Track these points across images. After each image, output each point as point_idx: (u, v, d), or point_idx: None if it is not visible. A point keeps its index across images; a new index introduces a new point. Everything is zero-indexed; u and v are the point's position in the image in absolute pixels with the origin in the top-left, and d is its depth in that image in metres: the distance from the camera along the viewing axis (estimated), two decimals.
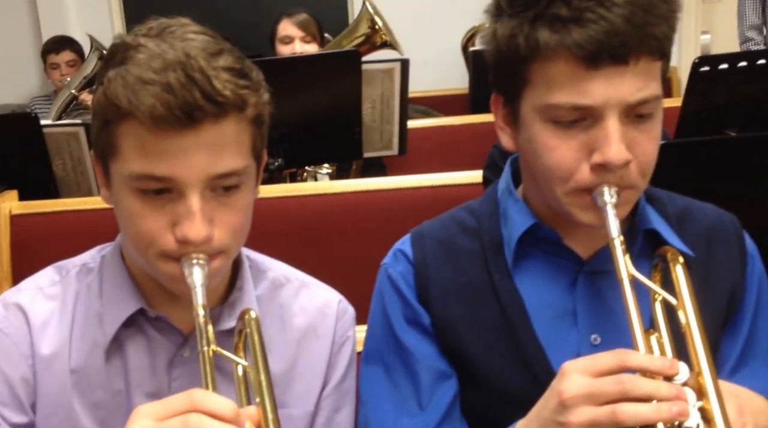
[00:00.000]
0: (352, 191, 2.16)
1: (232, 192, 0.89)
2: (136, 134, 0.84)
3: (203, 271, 0.86)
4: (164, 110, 0.81)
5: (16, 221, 2.10)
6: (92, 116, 0.90)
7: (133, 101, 0.82)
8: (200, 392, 0.75)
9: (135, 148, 0.85)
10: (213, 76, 0.83)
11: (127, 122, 0.84)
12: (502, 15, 0.91)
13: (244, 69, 0.87)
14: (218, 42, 0.88)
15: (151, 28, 0.88)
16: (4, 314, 0.96)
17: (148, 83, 0.82)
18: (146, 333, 0.98)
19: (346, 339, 1.07)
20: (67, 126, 2.45)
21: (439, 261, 1.03)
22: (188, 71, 0.82)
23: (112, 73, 0.84)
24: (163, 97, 0.81)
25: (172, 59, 0.82)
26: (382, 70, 2.40)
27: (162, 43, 0.84)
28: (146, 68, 0.82)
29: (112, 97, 0.83)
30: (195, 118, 0.82)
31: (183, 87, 0.81)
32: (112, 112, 0.84)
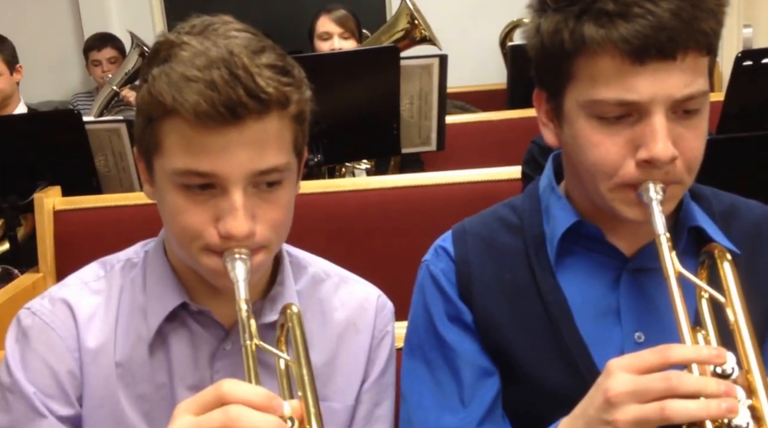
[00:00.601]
0: (390, 186, 2.17)
1: (274, 188, 0.90)
2: (180, 130, 0.85)
3: (246, 266, 0.87)
4: (208, 107, 0.82)
5: (59, 216, 2.14)
6: (136, 112, 0.91)
7: (178, 98, 0.83)
8: (229, 381, 0.75)
9: (179, 144, 0.86)
10: (256, 73, 0.83)
11: (171, 118, 0.85)
12: (546, 10, 0.90)
13: (286, 66, 0.88)
14: (261, 39, 0.89)
15: (194, 26, 0.89)
16: (50, 309, 0.97)
17: (193, 80, 0.82)
18: (189, 326, 0.99)
19: (386, 333, 1.08)
20: (109, 122, 2.49)
21: (481, 258, 1.02)
22: (232, 69, 0.82)
23: (157, 70, 0.85)
24: (207, 95, 0.82)
25: (215, 57, 0.83)
26: (421, 66, 2.39)
27: (205, 41, 0.85)
28: (190, 66, 0.83)
29: (156, 95, 0.84)
30: (238, 115, 0.83)
31: (227, 84, 0.82)
32: (156, 109, 0.85)
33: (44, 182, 2.33)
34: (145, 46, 3.70)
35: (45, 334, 0.96)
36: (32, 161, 2.33)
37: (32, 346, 0.95)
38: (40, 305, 0.98)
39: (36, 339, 0.96)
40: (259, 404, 0.73)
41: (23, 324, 0.97)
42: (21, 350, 0.96)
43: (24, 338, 0.96)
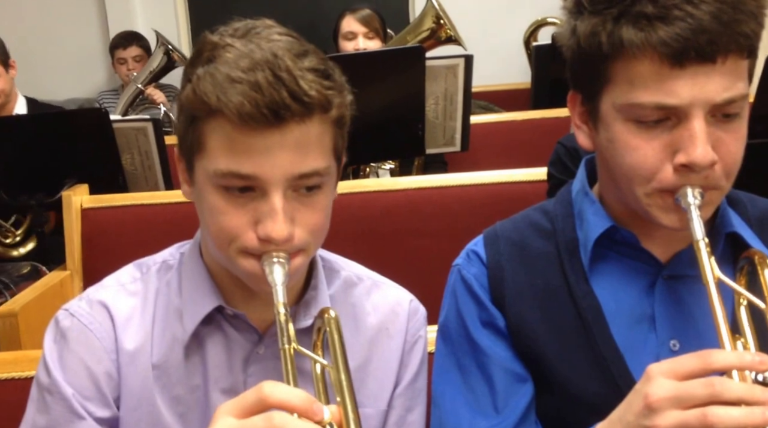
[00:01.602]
0: (415, 187, 2.16)
1: (313, 192, 0.90)
2: (223, 131, 0.85)
3: (284, 269, 0.87)
4: (252, 109, 0.82)
5: (86, 214, 2.15)
6: (178, 112, 0.92)
7: (222, 99, 0.83)
8: (270, 383, 0.75)
9: (221, 145, 0.86)
10: (299, 76, 0.83)
11: (215, 119, 0.85)
12: (582, 12, 0.89)
13: (328, 70, 0.88)
14: (302, 43, 0.89)
15: (236, 29, 0.89)
16: (88, 311, 0.98)
17: (237, 82, 0.83)
18: (224, 330, 0.99)
19: (418, 338, 1.07)
20: (136, 121, 2.50)
21: (514, 263, 1.01)
22: (276, 71, 0.83)
23: (201, 70, 0.86)
24: (251, 96, 0.82)
25: (259, 59, 0.84)
26: (446, 67, 2.39)
27: (249, 43, 0.86)
28: (234, 67, 0.84)
29: (201, 94, 0.85)
30: (281, 117, 0.83)
31: (271, 86, 0.82)
32: (200, 109, 0.86)
33: (72, 180, 2.35)
34: (169, 45, 3.73)
35: (83, 336, 0.96)
36: (60, 159, 2.35)
37: (71, 347, 0.96)
38: (78, 306, 0.98)
39: (74, 341, 0.96)
40: (300, 407, 0.73)
41: (61, 325, 0.97)
42: (59, 351, 0.96)
43: (62, 339, 0.97)
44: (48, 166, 2.35)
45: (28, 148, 2.34)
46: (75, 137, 2.36)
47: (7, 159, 2.35)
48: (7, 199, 2.35)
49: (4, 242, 2.75)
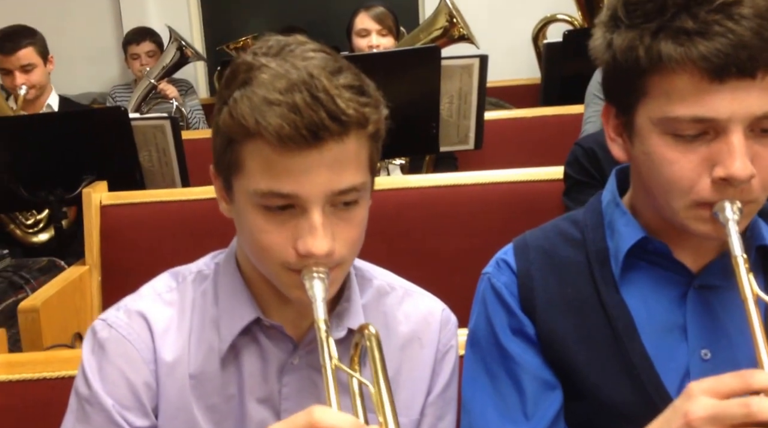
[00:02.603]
0: (428, 185, 2.18)
1: (350, 207, 0.90)
2: (262, 152, 0.86)
3: (324, 284, 0.88)
4: (291, 130, 0.83)
5: (105, 211, 2.18)
6: (214, 133, 0.92)
7: (261, 122, 0.83)
8: (320, 409, 0.76)
9: (261, 166, 0.86)
10: (336, 95, 0.84)
11: (253, 141, 0.86)
12: (619, 26, 0.90)
13: (363, 86, 0.88)
14: (336, 59, 0.89)
15: (270, 47, 0.89)
16: (127, 321, 0.98)
17: (275, 104, 0.83)
18: (259, 340, 0.99)
19: (450, 347, 1.08)
20: (154, 119, 2.53)
21: (544, 272, 1.02)
22: (313, 92, 0.83)
23: (238, 93, 0.86)
24: (290, 118, 0.82)
25: (296, 79, 0.84)
26: (461, 66, 2.41)
27: (284, 63, 0.86)
28: (271, 89, 0.84)
29: (238, 118, 0.85)
30: (320, 137, 0.84)
31: (309, 107, 0.83)
32: (238, 131, 0.86)
33: (90, 176, 2.38)
34: (182, 41, 3.75)
35: (122, 346, 0.96)
36: (79, 156, 2.38)
37: (109, 358, 0.96)
38: (115, 317, 0.99)
39: (113, 352, 0.96)
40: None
41: (99, 335, 0.98)
42: (98, 362, 0.97)
43: (101, 350, 0.97)
44: (67, 162, 2.37)
45: (48, 145, 2.36)
46: (94, 135, 2.39)
47: (28, 156, 2.37)
48: (27, 195, 2.38)
49: (26, 223, 2.81)
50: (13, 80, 2.89)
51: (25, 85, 2.89)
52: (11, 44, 2.89)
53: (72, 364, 1.32)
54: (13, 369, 1.32)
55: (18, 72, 2.89)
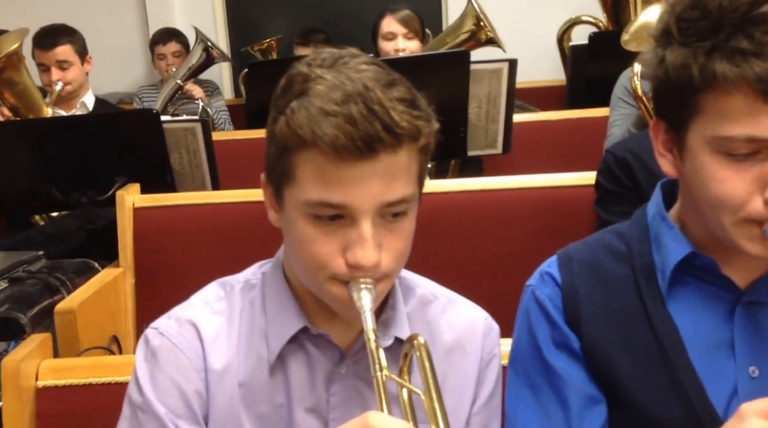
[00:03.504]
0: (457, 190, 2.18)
1: (399, 219, 0.91)
2: (316, 162, 0.87)
3: (371, 295, 0.89)
4: (346, 141, 0.84)
5: (138, 213, 2.20)
6: (268, 142, 0.94)
7: (317, 132, 0.85)
8: (374, 414, 0.77)
9: (313, 176, 0.88)
10: (390, 107, 0.85)
11: (308, 150, 0.87)
12: (671, 42, 0.90)
13: (415, 99, 0.90)
14: (389, 72, 0.90)
15: (324, 59, 0.91)
16: (177, 330, 1.00)
17: (331, 115, 0.84)
18: (306, 349, 1.00)
19: (493, 356, 1.08)
20: (185, 122, 2.55)
21: (588, 285, 1.03)
22: (368, 103, 0.84)
23: (295, 104, 0.87)
24: (346, 129, 0.84)
25: (351, 91, 0.85)
26: (490, 70, 2.41)
27: (339, 75, 0.87)
28: (327, 100, 0.85)
29: (295, 128, 0.86)
30: (374, 148, 0.85)
31: (364, 119, 0.84)
32: (294, 141, 0.88)
33: (122, 178, 2.41)
34: (208, 42, 3.78)
35: (173, 354, 0.98)
36: (111, 158, 2.40)
37: (161, 366, 0.98)
38: (167, 325, 1.00)
39: (165, 360, 0.98)
40: None
41: (152, 344, 0.99)
42: (150, 369, 0.98)
43: (153, 358, 0.98)
44: (100, 164, 2.40)
45: (81, 147, 2.39)
46: (126, 137, 2.41)
47: (61, 157, 2.40)
48: (60, 196, 2.41)
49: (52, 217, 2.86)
50: (49, 76, 2.94)
51: (61, 81, 2.93)
52: (50, 40, 2.95)
53: (117, 370, 1.35)
54: (59, 375, 1.34)
55: (54, 68, 2.94)
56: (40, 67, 2.98)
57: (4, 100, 2.80)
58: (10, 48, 2.73)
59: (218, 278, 1.29)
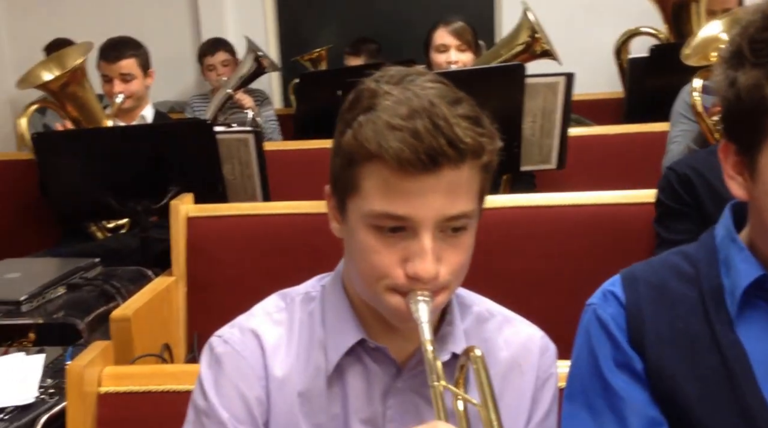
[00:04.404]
0: (509, 206, 2.15)
1: (459, 233, 0.93)
2: (381, 174, 0.89)
3: (429, 307, 0.91)
4: (411, 155, 0.86)
5: (191, 223, 2.23)
6: (334, 154, 0.96)
7: (383, 145, 0.87)
8: (443, 425, 0.79)
9: (377, 188, 0.90)
10: (455, 123, 0.87)
11: (373, 163, 0.89)
12: (744, 64, 0.89)
13: (479, 117, 0.91)
14: (454, 90, 0.92)
15: (392, 76, 0.94)
16: (240, 338, 1.02)
17: (397, 129, 0.87)
18: (364, 362, 1.02)
19: (550, 375, 1.08)
20: (238, 133, 2.58)
21: (654, 306, 1.01)
22: (434, 119, 0.86)
23: (363, 118, 0.90)
24: (411, 143, 0.86)
25: (417, 106, 0.87)
26: (546, 84, 2.38)
27: (405, 91, 0.90)
28: (394, 114, 0.88)
29: (362, 140, 0.89)
30: (438, 163, 0.87)
31: (429, 134, 0.86)
32: (360, 153, 0.90)
33: (175, 187, 2.44)
34: (259, 51, 3.81)
35: (236, 362, 1.01)
36: (165, 167, 2.44)
37: (225, 373, 1.00)
38: (230, 333, 1.03)
39: (228, 367, 1.00)
40: None
41: (216, 351, 1.02)
42: (214, 376, 1.01)
43: (217, 365, 1.01)
44: (155, 174, 2.44)
45: (137, 157, 2.44)
46: (181, 147, 2.45)
47: (118, 167, 2.45)
48: (117, 204, 2.45)
49: (107, 226, 2.95)
50: (112, 88, 2.99)
51: (123, 94, 2.99)
52: (115, 53, 3.00)
53: (176, 379, 1.37)
54: (120, 381, 1.37)
55: (117, 80, 2.99)
56: (104, 77, 3.04)
57: (66, 113, 2.87)
58: (74, 63, 2.80)
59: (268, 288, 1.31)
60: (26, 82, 2.85)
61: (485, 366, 0.88)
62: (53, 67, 2.84)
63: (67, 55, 2.88)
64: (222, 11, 4.74)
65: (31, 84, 2.85)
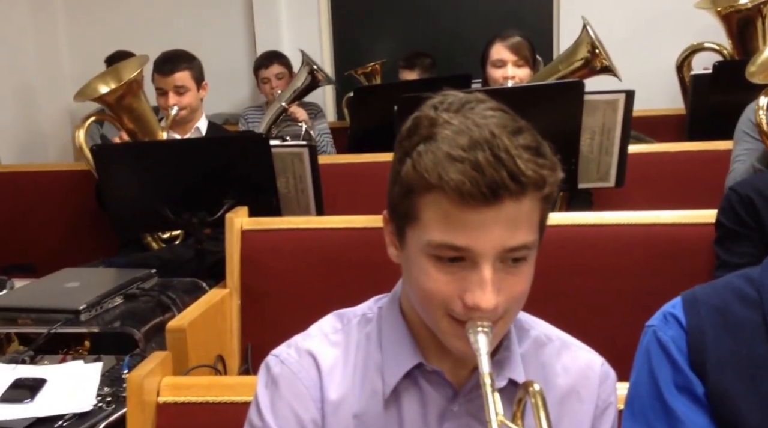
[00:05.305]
0: (566, 224, 2.11)
1: (519, 264, 0.91)
2: (440, 205, 0.88)
3: (488, 338, 0.90)
4: (472, 187, 0.85)
5: (246, 236, 2.25)
6: (392, 182, 0.95)
7: (444, 177, 0.86)
8: None
9: (437, 218, 0.89)
10: (516, 155, 0.85)
11: (433, 193, 0.88)
12: None
13: (541, 148, 0.89)
14: (515, 119, 0.91)
15: (450, 104, 0.92)
16: (297, 359, 1.02)
17: (458, 160, 0.86)
18: (420, 385, 1.01)
19: (609, 404, 1.05)
20: (293, 147, 2.60)
21: (716, 330, 0.99)
22: (495, 151, 0.85)
23: (423, 147, 0.89)
24: (472, 175, 0.85)
25: (478, 137, 0.86)
26: (605, 101, 2.34)
27: (465, 120, 0.88)
28: (454, 145, 0.86)
29: (422, 171, 0.88)
30: (499, 195, 0.86)
31: (491, 166, 0.85)
32: (419, 183, 0.89)
33: (230, 200, 2.47)
34: (314, 65, 3.84)
35: (292, 383, 1.01)
36: (221, 180, 2.47)
37: (281, 393, 1.00)
38: (287, 354, 1.03)
39: (285, 387, 1.01)
40: None
41: (273, 371, 1.02)
42: (270, 396, 1.01)
43: (273, 385, 1.01)
44: (210, 186, 2.47)
45: (193, 170, 2.47)
46: (236, 161, 2.48)
47: (175, 179, 2.49)
48: (173, 216, 2.49)
49: (162, 237, 2.99)
50: (166, 100, 3.05)
51: (177, 106, 3.04)
52: (170, 66, 3.06)
53: (232, 390, 1.39)
54: (178, 392, 1.39)
55: (171, 93, 3.05)
56: (158, 90, 3.10)
57: (123, 125, 2.93)
58: (130, 76, 2.86)
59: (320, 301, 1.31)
60: (83, 95, 2.92)
61: (544, 401, 0.86)
62: (110, 80, 2.91)
63: (123, 69, 2.95)
64: (277, 24, 4.80)
65: (88, 97, 2.92)
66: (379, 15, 4.84)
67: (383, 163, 2.62)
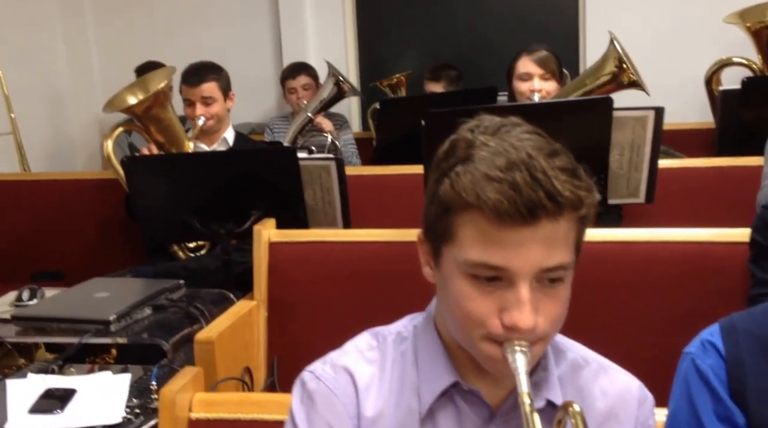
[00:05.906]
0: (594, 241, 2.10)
1: (555, 284, 0.92)
2: (478, 225, 0.89)
3: (526, 358, 0.90)
4: (509, 207, 0.86)
5: (273, 248, 2.26)
6: (428, 202, 0.96)
7: (482, 196, 0.87)
8: None
9: (474, 238, 0.90)
10: (553, 176, 0.86)
11: (470, 213, 0.89)
12: None
13: (576, 170, 0.90)
14: (550, 142, 0.92)
15: (487, 127, 0.94)
16: (333, 375, 1.02)
17: (495, 181, 0.87)
18: (456, 404, 1.01)
19: (648, 427, 1.04)
20: (320, 160, 2.61)
21: (755, 359, 0.98)
22: (532, 171, 0.86)
23: (461, 168, 0.90)
24: (509, 195, 0.86)
25: (515, 158, 0.87)
26: (634, 118, 2.33)
27: (502, 142, 0.90)
28: (492, 166, 0.88)
29: (460, 190, 0.89)
30: (536, 215, 0.86)
31: (528, 186, 0.86)
32: (457, 202, 0.90)
33: (258, 211, 2.48)
34: (340, 76, 3.86)
35: (329, 399, 1.01)
36: (249, 192, 2.49)
37: (317, 410, 1.00)
38: (323, 370, 1.03)
39: (320, 404, 1.01)
40: None
41: (308, 387, 1.02)
42: (306, 412, 1.01)
43: (309, 401, 1.02)
44: (238, 198, 2.49)
45: (221, 181, 2.49)
46: (264, 173, 2.49)
47: (203, 190, 2.51)
48: (201, 227, 2.51)
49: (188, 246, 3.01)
50: (194, 111, 3.08)
51: (204, 116, 3.07)
52: (197, 77, 3.09)
53: (263, 408, 1.40)
54: (211, 408, 1.40)
55: (199, 103, 3.08)
56: (186, 101, 3.13)
57: (150, 135, 2.96)
58: (157, 87, 2.89)
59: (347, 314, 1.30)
60: (112, 107, 2.96)
61: (584, 423, 0.87)
62: (137, 92, 2.94)
63: (151, 80, 2.98)
64: (304, 35, 4.82)
65: (116, 108, 2.95)
66: (404, 27, 4.85)
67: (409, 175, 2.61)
